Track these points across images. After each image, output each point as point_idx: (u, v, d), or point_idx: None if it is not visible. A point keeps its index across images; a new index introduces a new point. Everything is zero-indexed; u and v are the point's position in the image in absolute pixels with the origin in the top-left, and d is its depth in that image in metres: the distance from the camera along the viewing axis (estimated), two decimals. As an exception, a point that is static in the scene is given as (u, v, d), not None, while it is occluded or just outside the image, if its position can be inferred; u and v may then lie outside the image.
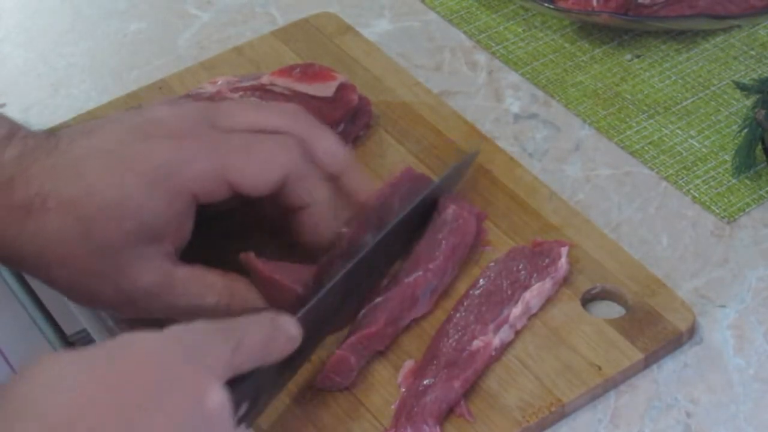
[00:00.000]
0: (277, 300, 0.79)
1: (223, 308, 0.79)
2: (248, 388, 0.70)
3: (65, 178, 0.77)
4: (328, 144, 0.82)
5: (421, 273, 0.83)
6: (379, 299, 0.82)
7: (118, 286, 0.78)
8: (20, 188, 0.77)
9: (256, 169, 0.79)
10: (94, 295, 0.79)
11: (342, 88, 0.94)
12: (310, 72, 0.95)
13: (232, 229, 0.82)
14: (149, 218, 0.77)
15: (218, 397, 0.66)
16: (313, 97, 0.94)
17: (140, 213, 0.77)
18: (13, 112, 0.94)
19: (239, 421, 0.69)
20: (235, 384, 0.69)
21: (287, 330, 0.73)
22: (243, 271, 0.81)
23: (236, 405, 0.68)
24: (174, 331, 0.69)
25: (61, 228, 0.77)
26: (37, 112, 1.00)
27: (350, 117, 0.94)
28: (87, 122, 0.82)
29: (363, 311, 0.81)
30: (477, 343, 0.79)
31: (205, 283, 0.79)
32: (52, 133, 0.80)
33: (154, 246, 0.78)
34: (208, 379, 0.67)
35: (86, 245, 0.77)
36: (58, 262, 0.78)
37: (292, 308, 0.77)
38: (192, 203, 0.78)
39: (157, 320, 0.80)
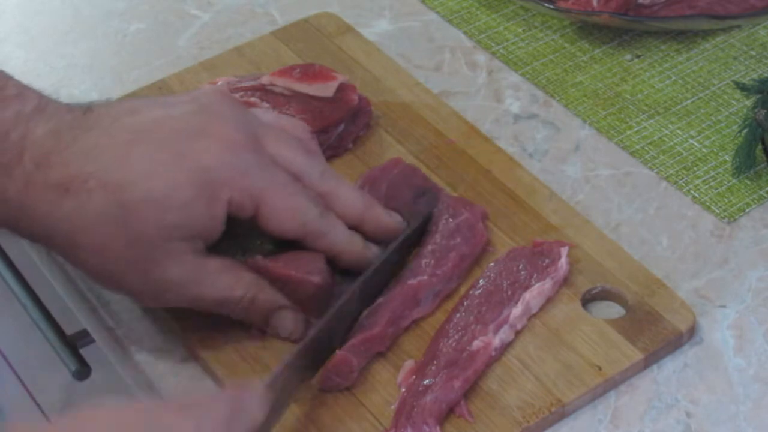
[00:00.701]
0: (297, 293, 0.81)
1: (248, 302, 0.80)
2: None
3: (109, 160, 0.77)
4: (346, 198, 0.83)
5: (426, 277, 0.83)
6: (381, 299, 0.82)
7: (147, 276, 0.78)
8: (58, 166, 0.77)
9: (283, 216, 0.80)
10: (120, 281, 0.79)
11: (342, 88, 0.94)
12: (310, 72, 0.95)
13: (250, 228, 0.83)
14: (190, 217, 0.77)
15: None
16: (313, 98, 0.94)
17: (183, 210, 0.77)
18: (14, 113, 0.93)
19: None
20: None
21: (250, 410, 0.71)
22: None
23: None
24: (136, 412, 0.67)
25: (100, 212, 0.76)
26: (37, 112, 1.00)
27: (350, 117, 0.94)
28: (129, 100, 0.81)
29: (365, 312, 0.81)
30: (477, 344, 0.79)
31: (234, 276, 0.80)
32: (90, 108, 0.80)
33: (188, 241, 0.78)
34: None
35: (123, 232, 0.77)
36: (90, 244, 0.77)
37: (313, 298, 0.80)
38: (226, 210, 0.79)
39: (173, 310, 0.81)
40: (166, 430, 0.67)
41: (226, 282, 0.79)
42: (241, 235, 0.81)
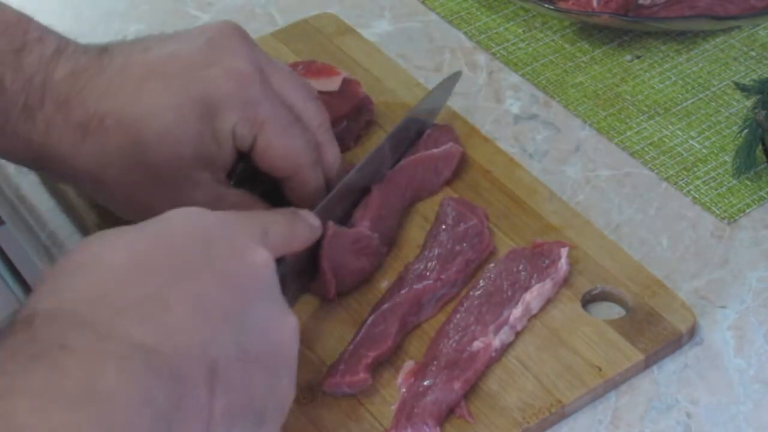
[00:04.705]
0: None
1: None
2: (278, 273, 0.72)
3: (123, 98, 0.79)
4: (334, 156, 0.86)
5: (431, 282, 0.83)
6: (387, 305, 0.81)
7: (173, 201, 0.80)
8: (76, 107, 0.79)
9: (278, 153, 0.82)
10: (147, 209, 0.81)
11: (347, 81, 0.95)
12: (313, 68, 0.95)
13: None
14: (201, 146, 0.80)
15: (261, 255, 0.69)
16: (321, 92, 0.93)
17: (194, 141, 0.80)
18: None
19: None
20: None
21: (308, 220, 0.77)
22: None
23: None
24: (212, 212, 0.70)
25: (119, 148, 0.79)
26: (37, 112, 1.00)
27: (354, 114, 0.94)
28: (141, 39, 0.83)
29: (372, 317, 0.81)
30: (477, 344, 0.79)
31: (253, 207, 0.82)
32: (105, 49, 0.82)
33: (207, 171, 0.81)
34: (249, 242, 0.69)
35: (143, 165, 0.80)
36: (113, 179, 0.80)
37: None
38: (232, 139, 0.81)
39: None
40: (240, 231, 0.70)
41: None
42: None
